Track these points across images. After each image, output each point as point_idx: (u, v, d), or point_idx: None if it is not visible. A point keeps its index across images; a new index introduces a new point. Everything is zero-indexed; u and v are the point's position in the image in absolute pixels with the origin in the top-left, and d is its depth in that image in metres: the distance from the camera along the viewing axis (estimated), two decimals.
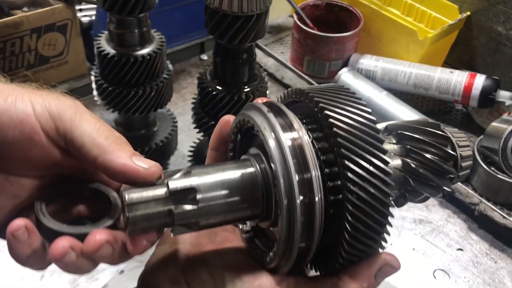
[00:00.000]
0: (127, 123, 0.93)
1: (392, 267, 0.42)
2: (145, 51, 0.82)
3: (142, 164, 0.40)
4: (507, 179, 0.93)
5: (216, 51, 0.78)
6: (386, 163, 0.39)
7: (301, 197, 0.38)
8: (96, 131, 0.41)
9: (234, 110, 0.80)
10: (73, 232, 0.40)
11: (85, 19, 1.10)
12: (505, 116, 1.04)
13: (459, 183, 0.98)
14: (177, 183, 0.40)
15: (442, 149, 0.47)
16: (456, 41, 1.22)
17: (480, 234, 0.93)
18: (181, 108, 1.15)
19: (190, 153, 0.95)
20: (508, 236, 0.90)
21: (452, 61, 1.26)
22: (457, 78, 1.09)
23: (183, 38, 1.25)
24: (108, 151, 0.41)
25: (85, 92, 1.13)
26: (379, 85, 1.14)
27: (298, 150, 0.39)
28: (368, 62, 1.17)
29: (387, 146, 0.46)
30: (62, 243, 0.39)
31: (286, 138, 0.39)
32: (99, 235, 0.39)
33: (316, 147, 0.40)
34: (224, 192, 0.41)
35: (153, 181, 0.40)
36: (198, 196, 0.40)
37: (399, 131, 0.48)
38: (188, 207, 0.39)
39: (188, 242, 0.47)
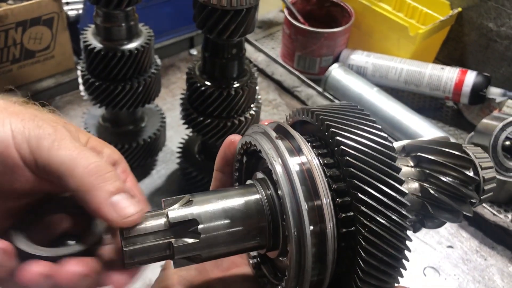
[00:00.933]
0: (114, 119, 0.91)
1: None
2: (132, 45, 0.80)
3: (122, 209, 0.36)
4: (497, 176, 0.93)
5: (204, 46, 0.77)
6: (403, 194, 0.35)
7: (312, 227, 0.35)
8: (74, 160, 0.37)
9: (223, 106, 0.79)
10: (46, 255, 0.37)
11: (72, 13, 1.08)
12: (495, 113, 1.04)
13: None
14: (177, 213, 0.37)
15: (463, 173, 0.43)
16: (447, 37, 1.21)
17: (470, 231, 0.93)
18: (169, 103, 1.14)
19: (179, 150, 0.93)
20: (498, 233, 0.90)
21: (443, 57, 1.25)
22: (448, 75, 1.08)
23: (172, 32, 1.24)
24: (86, 187, 0.36)
25: (72, 87, 1.11)
26: (370, 81, 1.13)
27: (307, 175, 0.36)
28: (359, 58, 1.16)
29: (404, 169, 0.43)
30: (33, 268, 0.36)
31: (294, 163, 0.36)
32: (73, 266, 0.36)
33: (327, 173, 0.37)
34: (227, 221, 0.38)
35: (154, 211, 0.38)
36: (200, 227, 0.37)
37: (418, 153, 0.44)
38: (189, 239, 0.37)
39: (193, 268, 0.44)
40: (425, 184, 0.43)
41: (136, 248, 0.36)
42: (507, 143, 0.95)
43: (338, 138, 0.36)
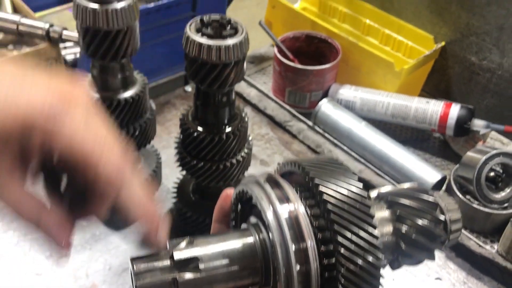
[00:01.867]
0: None
1: None
2: (128, 94, 0.84)
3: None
4: (481, 208, 0.96)
5: (196, 95, 0.81)
6: (376, 237, 0.41)
7: (298, 266, 0.40)
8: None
9: (216, 150, 0.82)
10: None
11: (69, 57, 1.13)
12: (479, 146, 1.08)
13: None
14: (182, 254, 0.42)
15: (432, 215, 0.49)
16: (432, 69, 1.26)
17: (458, 262, 0.96)
18: (165, 141, 1.17)
19: (174, 190, 0.97)
20: (484, 265, 0.93)
21: (430, 89, 1.30)
22: (433, 108, 1.12)
23: (167, 71, 1.28)
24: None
25: None
26: (358, 114, 1.17)
27: (294, 221, 0.41)
28: (347, 92, 1.20)
29: (379, 213, 0.48)
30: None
31: (283, 210, 0.42)
32: None
33: (311, 219, 0.42)
34: (225, 261, 0.43)
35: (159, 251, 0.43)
36: (201, 266, 0.42)
37: (391, 199, 0.50)
38: (191, 275, 0.42)
39: None
40: (397, 225, 0.48)
41: (145, 283, 0.41)
42: (492, 174, 0.99)
43: (320, 188, 0.42)
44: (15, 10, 1.18)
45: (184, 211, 0.92)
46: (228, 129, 0.83)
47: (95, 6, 0.73)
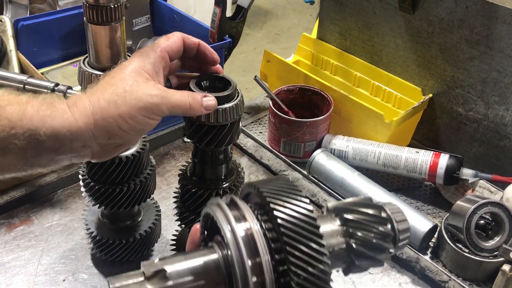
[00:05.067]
0: (112, 216, 0.98)
1: None
2: (129, 152, 0.88)
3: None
4: (473, 256, 0.99)
5: (194, 153, 0.85)
6: (322, 245, 0.46)
7: (255, 278, 0.45)
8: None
9: None
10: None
11: None
12: (468, 195, 1.11)
13: (428, 260, 1.04)
14: (151, 268, 0.47)
15: (379, 228, 0.52)
16: (421, 120, 1.31)
17: None
18: (165, 192, 1.21)
19: (173, 242, 1.00)
20: None
21: (419, 138, 1.34)
22: (422, 158, 1.16)
23: (167, 123, 1.33)
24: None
25: (73, 180, 1.19)
26: (351, 164, 1.21)
27: (250, 238, 0.46)
28: (340, 142, 1.25)
29: (330, 226, 0.52)
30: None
31: (239, 229, 0.47)
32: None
33: (267, 235, 0.47)
34: (191, 277, 0.48)
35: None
36: (169, 283, 0.46)
37: (342, 213, 0.54)
38: (160, 285, 0.46)
39: None
40: (347, 239, 0.52)
41: None
42: (482, 222, 1.02)
43: (271, 205, 0.47)
44: (22, 68, 1.23)
45: None
46: (225, 184, 0.86)
47: (98, 72, 0.79)
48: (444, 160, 1.14)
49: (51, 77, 1.36)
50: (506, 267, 0.93)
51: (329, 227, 0.51)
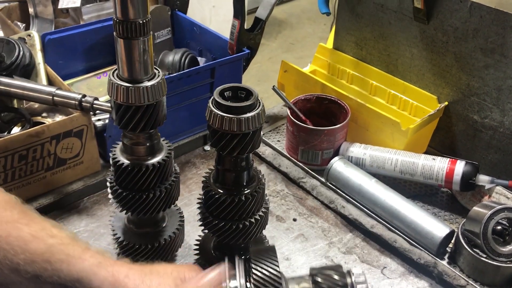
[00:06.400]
0: (138, 221, 1.02)
1: None
2: (155, 160, 0.92)
3: None
4: (490, 261, 1.01)
5: (217, 160, 0.88)
6: None
7: None
8: None
9: (235, 210, 0.89)
10: None
11: (99, 123, 1.22)
12: (485, 200, 1.13)
13: (446, 265, 1.06)
14: None
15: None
16: (437, 127, 1.33)
17: None
18: (186, 199, 1.24)
19: (196, 247, 1.03)
20: None
21: (436, 145, 1.36)
22: (439, 165, 1.18)
23: (188, 132, 1.37)
24: None
25: (99, 188, 1.23)
26: (368, 171, 1.24)
27: None
28: (357, 150, 1.27)
29: (302, 284, 0.70)
30: None
31: (232, 284, 0.69)
32: None
33: (251, 285, 0.68)
34: None
35: None
36: None
37: (314, 276, 0.70)
38: None
39: None
40: None
41: None
42: (499, 227, 1.03)
43: (252, 267, 0.69)
44: (49, 80, 1.29)
45: (206, 267, 0.98)
46: (247, 191, 0.90)
47: (128, 84, 0.83)
48: (460, 166, 1.16)
49: (76, 89, 1.42)
50: None
51: (302, 285, 0.70)
